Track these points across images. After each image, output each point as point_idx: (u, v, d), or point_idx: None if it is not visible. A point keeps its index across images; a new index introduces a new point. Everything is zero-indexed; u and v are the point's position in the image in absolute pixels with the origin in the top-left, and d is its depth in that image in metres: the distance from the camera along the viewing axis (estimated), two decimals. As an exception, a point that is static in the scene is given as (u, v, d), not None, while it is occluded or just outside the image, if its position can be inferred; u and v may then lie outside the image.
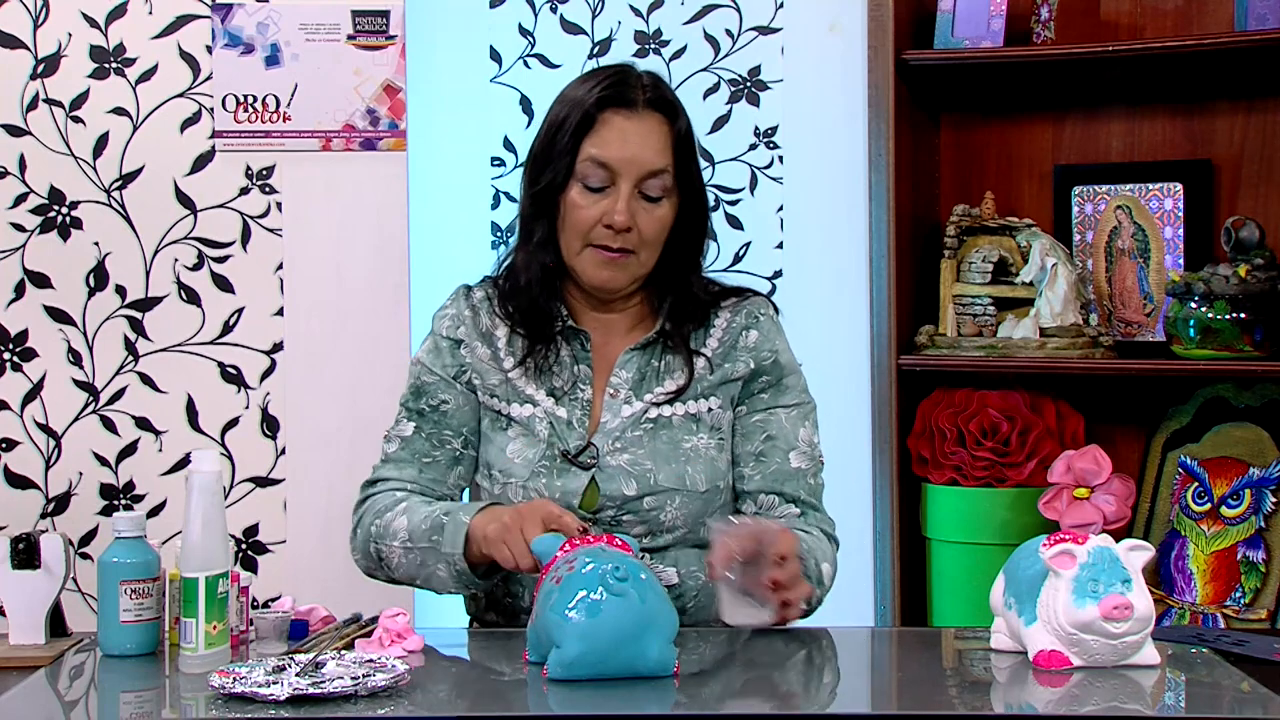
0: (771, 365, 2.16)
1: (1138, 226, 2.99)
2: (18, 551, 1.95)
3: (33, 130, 2.91)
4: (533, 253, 2.15)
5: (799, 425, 2.15)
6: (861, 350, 3.00)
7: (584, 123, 2.09)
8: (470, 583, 2.01)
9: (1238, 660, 1.84)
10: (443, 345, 2.17)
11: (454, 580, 2.01)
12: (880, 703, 1.73)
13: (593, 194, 2.09)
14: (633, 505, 2.06)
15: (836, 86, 3.11)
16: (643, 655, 1.68)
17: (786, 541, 1.89)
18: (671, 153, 2.11)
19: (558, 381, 2.13)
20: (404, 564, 2.05)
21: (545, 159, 2.12)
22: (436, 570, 2.01)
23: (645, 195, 2.09)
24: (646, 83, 2.13)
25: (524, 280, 2.15)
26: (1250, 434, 2.84)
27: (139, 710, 1.74)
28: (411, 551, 2.03)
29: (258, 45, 2.93)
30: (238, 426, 2.95)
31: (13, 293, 2.91)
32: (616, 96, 2.10)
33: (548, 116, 2.15)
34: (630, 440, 2.09)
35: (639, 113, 2.10)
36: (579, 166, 2.09)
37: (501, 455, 2.10)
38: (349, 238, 2.95)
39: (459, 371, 2.15)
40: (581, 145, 2.09)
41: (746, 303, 2.20)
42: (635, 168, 2.08)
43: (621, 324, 2.18)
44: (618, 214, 2.07)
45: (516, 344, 2.15)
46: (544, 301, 2.14)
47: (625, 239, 2.08)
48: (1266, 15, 2.74)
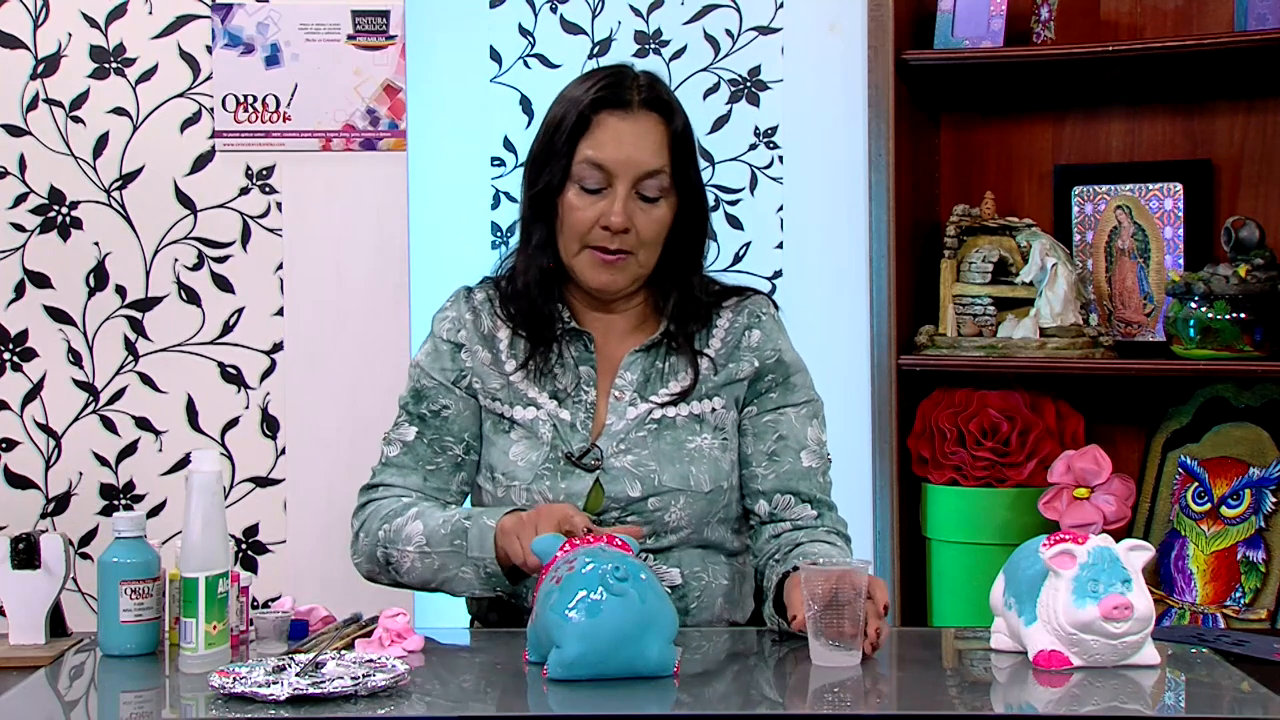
0: (776, 364, 2.16)
1: (1138, 226, 2.99)
2: (18, 551, 1.95)
3: (33, 130, 2.91)
4: (532, 255, 2.14)
5: (808, 424, 2.15)
6: (861, 350, 3.00)
7: (579, 124, 2.09)
8: (500, 585, 2.00)
9: (1238, 660, 1.84)
10: (442, 349, 2.17)
11: (482, 583, 2.00)
12: (880, 703, 1.73)
13: (589, 195, 2.09)
14: (637, 506, 2.05)
15: (836, 86, 3.11)
16: (643, 655, 1.68)
17: (875, 585, 1.83)
18: (668, 152, 2.10)
19: (560, 384, 2.13)
20: (418, 568, 2.04)
21: (543, 161, 2.12)
22: (460, 573, 2.00)
23: (642, 196, 2.09)
24: (642, 83, 2.13)
25: (522, 284, 2.14)
26: (1250, 434, 2.84)
27: (139, 710, 1.74)
28: (429, 556, 2.02)
29: (258, 45, 2.93)
30: (238, 426, 2.95)
31: (13, 293, 2.91)
32: (611, 97, 2.09)
33: (545, 118, 2.15)
34: (634, 441, 2.09)
35: (634, 113, 2.10)
36: (575, 168, 2.09)
37: (504, 458, 2.10)
38: (349, 238, 2.95)
39: (459, 376, 2.15)
40: (577, 147, 2.09)
41: (748, 302, 2.20)
42: (631, 169, 2.08)
43: (624, 325, 2.18)
44: (614, 215, 2.06)
45: (518, 346, 2.15)
46: (544, 304, 2.14)
47: (623, 240, 2.08)
48: (1266, 15, 2.74)
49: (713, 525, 2.11)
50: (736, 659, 1.86)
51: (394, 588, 2.12)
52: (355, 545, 2.13)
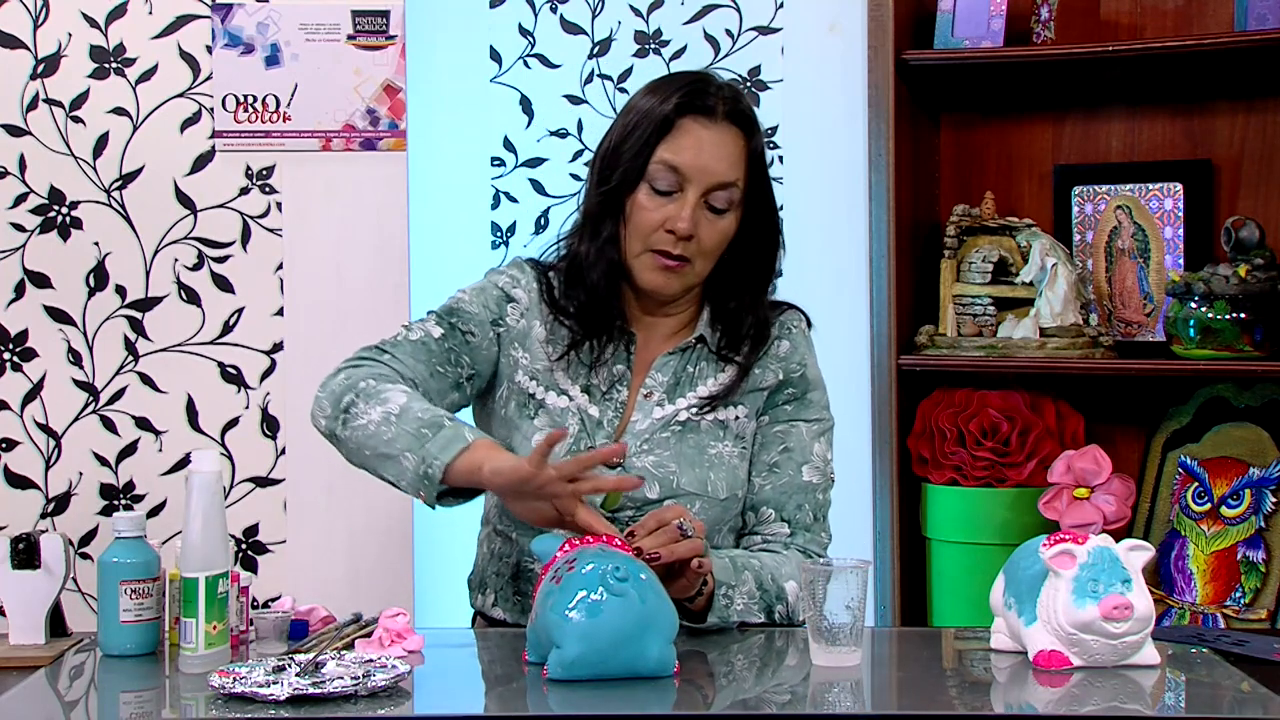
0: (799, 378, 2.16)
1: (1138, 226, 2.99)
2: (18, 551, 1.95)
3: (33, 130, 2.91)
4: (601, 249, 2.12)
5: (815, 440, 2.15)
6: (861, 350, 3.00)
7: (662, 126, 2.07)
8: (427, 493, 1.92)
9: (1238, 660, 1.84)
10: (493, 292, 2.15)
11: (414, 480, 1.92)
12: (880, 703, 1.73)
13: (660, 197, 2.07)
14: (653, 508, 2.04)
15: (836, 86, 3.11)
16: (643, 655, 1.68)
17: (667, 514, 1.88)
18: (744, 167, 2.09)
19: (595, 379, 2.12)
20: (369, 430, 1.96)
21: (616, 158, 2.10)
22: (403, 456, 1.92)
23: (711, 206, 2.07)
24: (727, 94, 2.11)
25: (592, 276, 2.12)
26: (1250, 434, 2.84)
27: (139, 710, 1.74)
28: (390, 425, 1.94)
29: (258, 45, 2.93)
30: (238, 426, 2.95)
31: (13, 293, 2.91)
32: (697, 104, 2.08)
33: (619, 120, 2.13)
34: (657, 442, 2.09)
35: (717, 122, 2.08)
36: (650, 168, 2.07)
37: (526, 444, 2.08)
38: (349, 238, 2.95)
39: (498, 318, 2.13)
40: (656, 148, 2.07)
41: (782, 315, 2.20)
42: (705, 177, 2.06)
43: (666, 328, 2.17)
44: (681, 221, 2.05)
45: (559, 333, 2.13)
46: (608, 298, 2.12)
47: (685, 247, 2.07)
48: (1266, 15, 2.74)
49: (723, 533, 2.12)
50: (736, 659, 1.86)
51: (328, 441, 2.04)
52: (328, 380, 2.05)
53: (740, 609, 1.96)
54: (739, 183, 2.09)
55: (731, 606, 1.95)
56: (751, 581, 1.98)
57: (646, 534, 1.85)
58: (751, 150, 2.11)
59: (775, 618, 2.00)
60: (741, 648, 1.90)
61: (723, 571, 1.95)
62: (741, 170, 2.09)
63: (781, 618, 2.01)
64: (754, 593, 1.98)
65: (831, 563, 1.82)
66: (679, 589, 1.86)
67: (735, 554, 2.03)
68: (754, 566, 2.00)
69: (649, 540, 1.83)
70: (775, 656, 1.89)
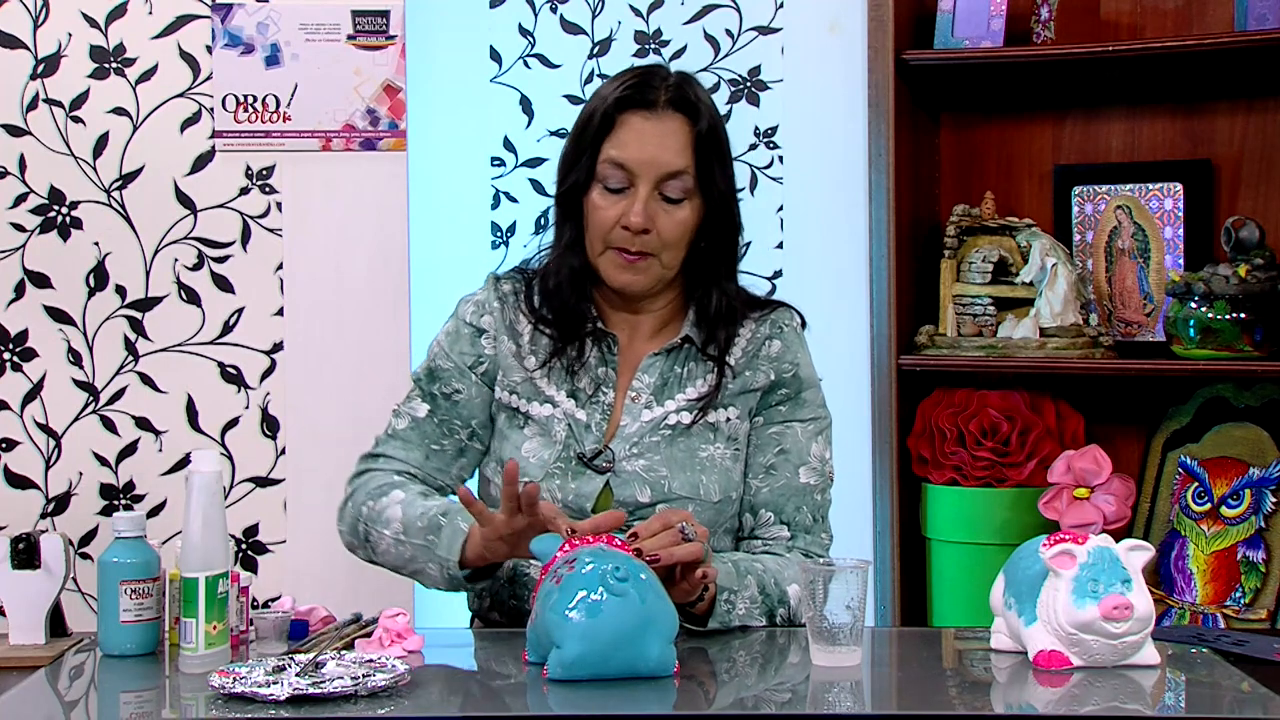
0: (792, 378, 2.16)
1: (1138, 226, 2.99)
2: (18, 551, 1.95)
3: (33, 130, 2.91)
4: (563, 255, 2.14)
5: (812, 440, 2.15)
6: (861, 350, 3.00)
7: (604, 124, 2.08)
8: (461, 587, 2.02)
9: (1238, 660, 1.84)
10: (464, 332, 2.17)
11: (445, 582, 2.01)
12: (880, 703, 1.73)
13: (612, 195, 2.08)
14: (646, 512, 2.03)
15: (836, 86, 3.11)
16: (643, 655, 1.68)
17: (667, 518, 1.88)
18: (692, 153, 2.09)
19: (580, 384, 2.12)
20: (392, 553, 2.06)
21: (571, 160, 2.12)
22: (427, 568, 2.02)
23: (665, 197, 2.08)
24: (671, 83, 2.11)
25: (554, 283, 2.13)
26: (1250, 434, 2.84)
27: (139, 710, 1.74)
28: (403, 545, 2.04)
29: (258, 45, 2.93)
30: (238, 426, 2.95)
31: (13, 293, 2.91)
32: (636, 97, 2.09)
33: (577, 118, 2.15)
34: (647, 446, 2.09)
35: (658, 113, 2.09)
36: (599, 168, 2.08)
37: (516, 454, 2.09)
38: (349, 238, 2.95)
39: (476, 361, 2.15)
40: (601, 147, 2.08)
41: (773, 313, 2.19)
42: (653, 169, 2.07)
43: (648, 327, 2.17)
44: (634, 215, 2.06)
45: (540, 342, 2.14)
46: (575, 304, 2.13)
47: (644, 241, 2.07)
48: (1266, 15, 2.74)
49: (719, 535, 2.11)
50: (736, 659, 1.86)
51: (370, 564, 2.13)
52: (342, 512, 2.15)
53: (742, 614, 1.96)
54: (689, 169, 2.09)
55: (733, 611, 1.95)
56: (754, 586, 1.98)
57: (649, 535, 1.85)
58: (698, 135, 2.10)
59: (777, 621, 2.00)
60: (742, 647, 1.90)
61: (725, 577, 1.95)
62: (689, 157, 2.09)
63: (783, 621, 2.01)
64: (756, 597, 1.98)
65: (832, 563, 1.82)
66: (679, 593, 1.86)
67: (738, 558, 2.03)
68: (757, 570, 2.00)
69: (650, 542, 1.83)
70: (775, 656, 1.89)
